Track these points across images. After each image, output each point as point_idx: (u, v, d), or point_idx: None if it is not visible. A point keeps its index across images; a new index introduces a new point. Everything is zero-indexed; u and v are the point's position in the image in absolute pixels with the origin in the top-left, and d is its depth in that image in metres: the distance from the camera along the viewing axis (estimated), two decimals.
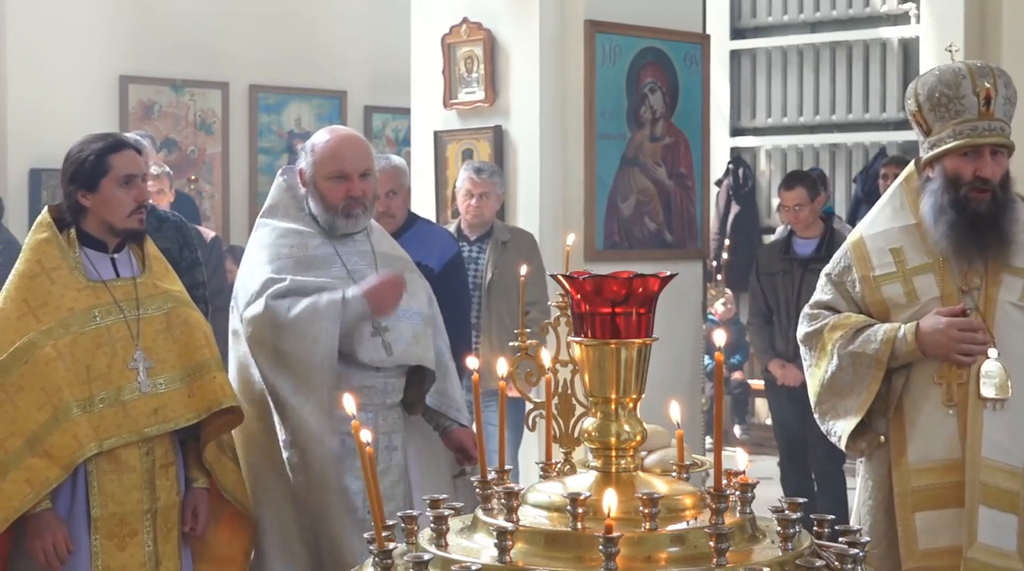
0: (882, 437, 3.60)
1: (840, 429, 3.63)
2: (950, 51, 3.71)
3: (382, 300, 3.86)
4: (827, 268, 3.77)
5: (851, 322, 3.62)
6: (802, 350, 3.75)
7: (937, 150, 3.54)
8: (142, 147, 3.78)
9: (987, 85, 3.48)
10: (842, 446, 3.65)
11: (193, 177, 9.93)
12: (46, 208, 3.72)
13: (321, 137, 4.04)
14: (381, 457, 3.92)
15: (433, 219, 6.78)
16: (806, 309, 3.78)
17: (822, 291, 3.75)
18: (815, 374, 3.69)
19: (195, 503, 3.69)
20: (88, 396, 3.47)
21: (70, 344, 3.48)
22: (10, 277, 3.61)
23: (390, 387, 3.96)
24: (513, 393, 4.08)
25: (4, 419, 3.41)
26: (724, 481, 1.97)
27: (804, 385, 3.81)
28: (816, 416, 3.71)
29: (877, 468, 3.65)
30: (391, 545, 1.89)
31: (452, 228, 6.26)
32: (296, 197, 4.05)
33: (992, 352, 3.46)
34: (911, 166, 3.72)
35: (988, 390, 3.44)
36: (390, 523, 1.97)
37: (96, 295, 3.57)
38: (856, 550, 1.95)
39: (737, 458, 2.12)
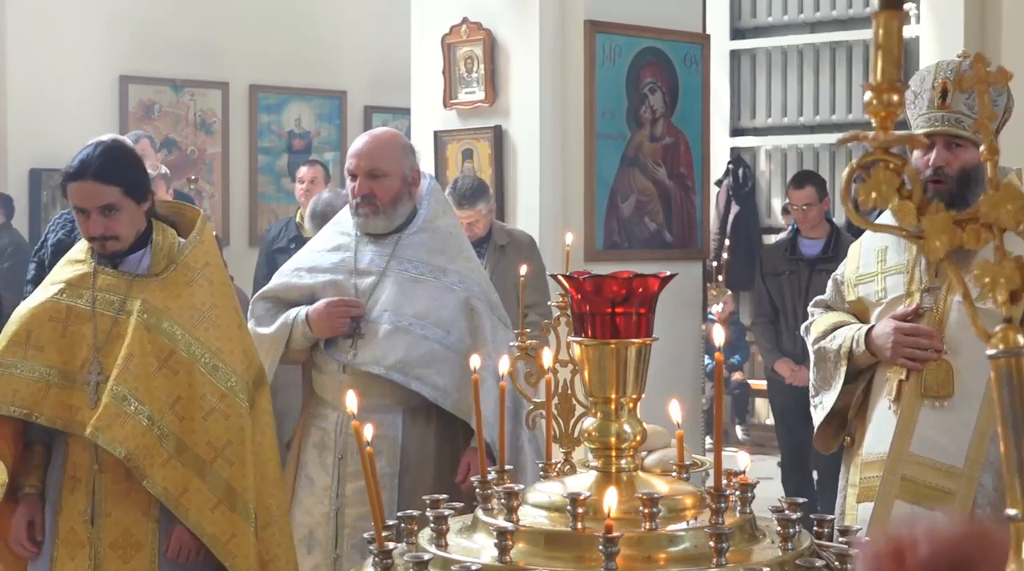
0: (848, 439, 3.67)
1: (815, 420, 3.72)
2: (962, 56, 3.70)
3: (322, 322, 3.94)
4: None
5: (831, 320, 3.69)
6: None
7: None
8: (108, 177, 3.47)
9: (944, 78, 3.49)
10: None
11: (193, 177, 9.93)
12: None
13: None
14: (353, 458, 3.93)
15: None
16: (809, 306, 3.86)
17: (827, 289, 3.83)
18: (810, 367, 3.79)
19: (176, 526, 3.52)
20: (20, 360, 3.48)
21: (26, 308, 3.56)
22: None
23: (364, 390, 3.84)
24: None
25: None
26: (724, 481, 1.97)
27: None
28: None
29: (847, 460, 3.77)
30: (391, 545, 1.89)
31: None
32: None
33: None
34: None
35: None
36: (390, 523, 1.97)
37: (80, 279, 3.56)
38: (856, 550, 1.95)
39: (739, 458, 2.12)
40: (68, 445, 3.54)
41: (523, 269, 3.32)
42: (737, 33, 11.04)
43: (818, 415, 3.70)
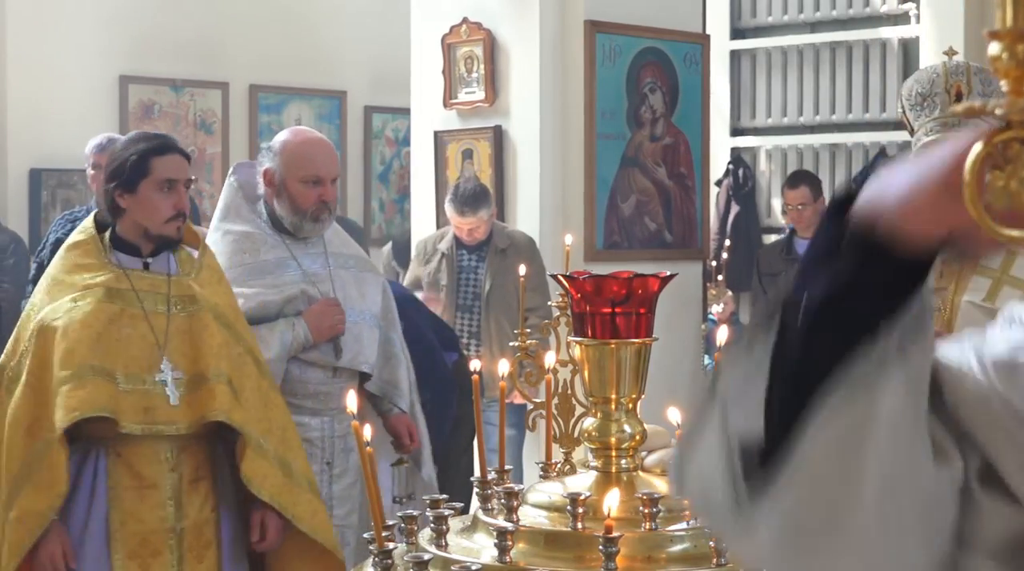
0: None
1: None
2: (948, 54, 3.70)
3: (323, 326, 3.90)
4: None
5: None
6: None
7: (915, 148, 3.61)
8: (190, 155, 3.64)
9: (957, 81, 3.49)
10: None
11: (193, 177, 9.93)
12: (93, 213, 3.68)
13: (290, 138, 4.04)
14: (339, 460, 3.97)
15: (433, 220, 6.79)
16: None
17: None
18: None
19: (262, 516, 3.48)
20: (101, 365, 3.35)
21: (79, 312, 3.38)
22: (41, 279, 3.59)
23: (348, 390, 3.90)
24: (517, 399, 4.07)
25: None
26: None
27: None
28: None
29: None
30: (391, 545, 1.89)
31: (450, 234, 6.25)
32: (248, 197, 4.05)
33: None
34: None
35: None
36: (390, 523, 1.97)
37: (117, 281, 3.45)
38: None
39: None
40: (120, 456, 3.40)
41: (522, 269, 3.32)
42: (737, 33, 11.03)
43: None
